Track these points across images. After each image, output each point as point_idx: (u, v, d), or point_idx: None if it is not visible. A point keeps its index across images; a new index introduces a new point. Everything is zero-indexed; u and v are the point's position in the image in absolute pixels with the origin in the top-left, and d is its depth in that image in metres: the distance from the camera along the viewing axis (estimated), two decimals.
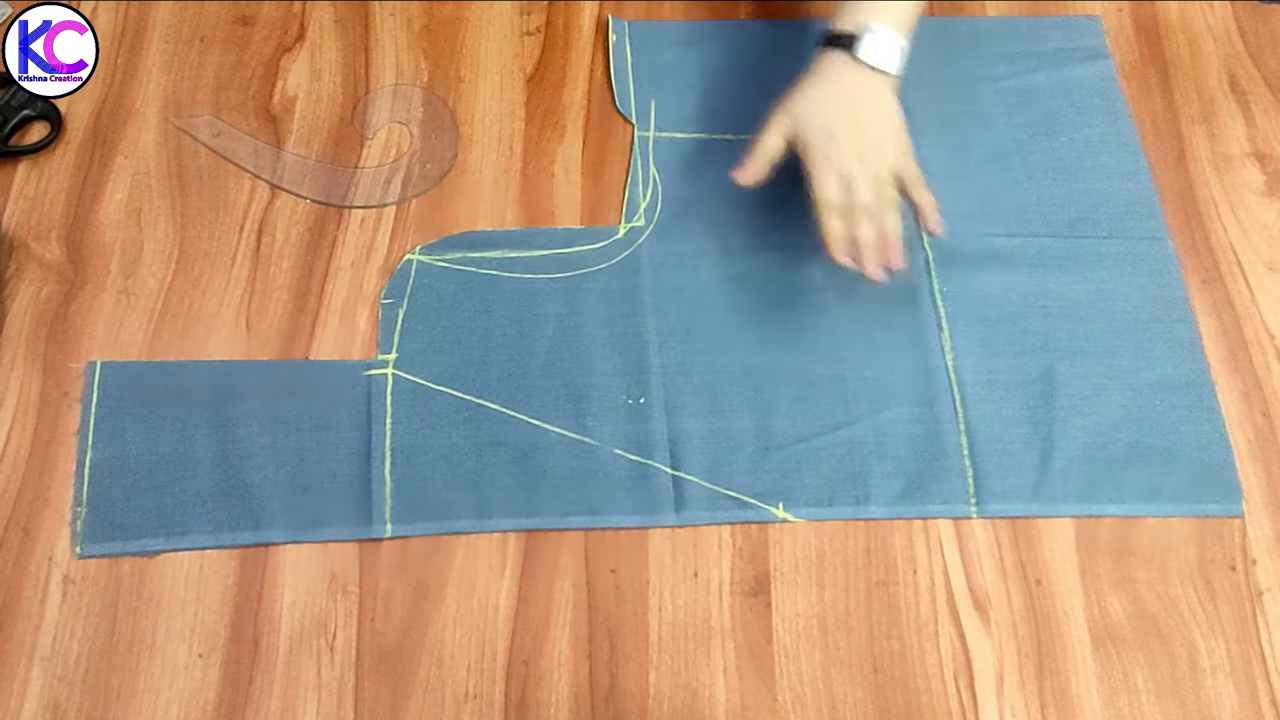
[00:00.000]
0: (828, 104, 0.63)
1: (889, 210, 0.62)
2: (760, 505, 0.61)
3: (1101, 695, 0.57)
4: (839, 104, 0.63)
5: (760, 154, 0.64)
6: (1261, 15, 0.81)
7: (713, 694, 0.57)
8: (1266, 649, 0.58)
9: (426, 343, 0.65)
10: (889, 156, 0.63)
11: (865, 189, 0.62)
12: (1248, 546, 0.61)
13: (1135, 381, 0.65)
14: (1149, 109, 0.76)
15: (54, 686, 0.55)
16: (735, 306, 0.67)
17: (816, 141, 0.62)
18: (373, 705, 0.56)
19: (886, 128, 0.63)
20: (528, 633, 0.58)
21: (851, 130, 0.62)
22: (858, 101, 0.63)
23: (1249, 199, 0.72)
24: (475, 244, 0.69)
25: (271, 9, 0.78)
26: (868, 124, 0.63)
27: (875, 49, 0.63)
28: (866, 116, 0.63)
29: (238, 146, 0.72)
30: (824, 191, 0.62)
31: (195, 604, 0.58)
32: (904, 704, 0.57)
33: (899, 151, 0.63)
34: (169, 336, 0.65)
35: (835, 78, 0.64)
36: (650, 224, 0.70)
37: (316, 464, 0.61)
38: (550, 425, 0.63)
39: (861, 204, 0.61)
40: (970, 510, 0.61)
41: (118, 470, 0.60)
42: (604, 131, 0.74)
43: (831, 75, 0.64)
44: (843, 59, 0.63)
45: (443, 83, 0.76)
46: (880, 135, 0.63)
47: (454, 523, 0.60)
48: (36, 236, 0.68)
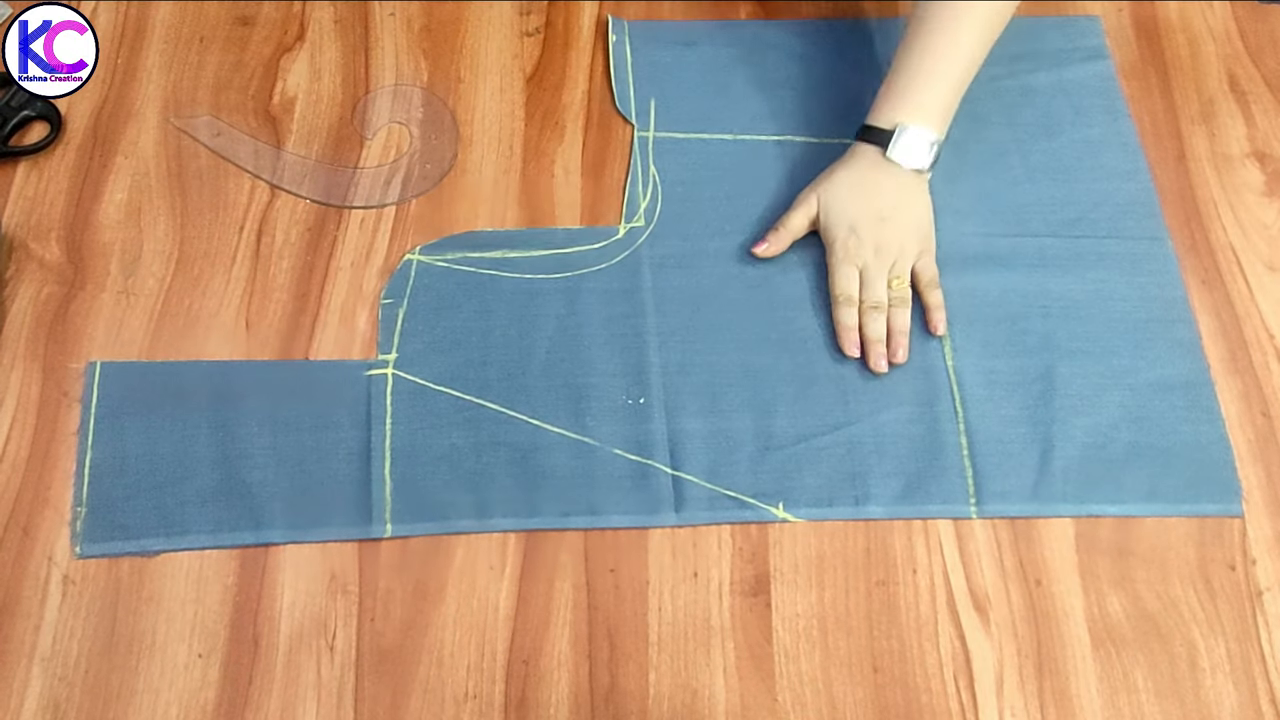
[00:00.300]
0: (854, 196, 0.65)
1: (900, 306, 0.65)
2: (760, 505, 0.61)
3: (1101, 695, 0.57)
4: (865, 198, 0.65)
5: (785, 232, 0.67)
6: (1261, 15, 0.81)
7: (713, 694, 0.57)
8: (1266, 649, 0.58)
9: (426, 343, 0.65)
10: (908, 253, 0.65)
11: (879, 285, 0.65)
12: (1247, 546, 0.61)
13: (1135, 381, 0.65)
14: (1149, 109, 0.76)
15: (54, 686, 0.55)
16: (735, 306, 0.67)
17: (838, 233, 0.65)
18: (373, 705, 0.56)
19: (909, 225, 0.65)
20: (527, 633, 0.58)
21: (873, 225, 0.65)
22: (884, 197, 0.65)
23: (1249, 199, 0.72)
24: (475, 244, 0.69)
25: (271, 9, 0.78)
26: (891, 220, 0.65)
27: (907, 148, 0.65)
28: (891, 213, 0.65)
29: (238, 146, 0.72)
30: (839, 284, 0.65)
31: (195, 604, 0.58)
32: (904, 704, 0.57)
33: (919, 249, 0.65)
34: (169, 337, 0.65)
35: (865, 171, 0.66)
36: (650, 224, 0.70)
37: (316, 464, 0.61)
38: (550, 425, 0.63)
39: (874, 299, 0.64)
40: (970, 510, 0.61)
41: (118, 470, 0.60)
42: (604, 131, 0.74)
43: (862, 168, 0.66)
44: (874, 154, 0.66)
45: (443, 83, 0.76)
46: (902, 232, 0.65)
47: (454, 523, 0.60)
48: (36, 236, 0.68)
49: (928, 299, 0.65)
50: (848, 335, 0.64)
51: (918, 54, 0.65)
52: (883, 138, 0.65)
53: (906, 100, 0.65)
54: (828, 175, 0.67)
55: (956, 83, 0.66)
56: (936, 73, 0.65)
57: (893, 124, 0.65)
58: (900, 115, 0.65)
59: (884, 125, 0.65)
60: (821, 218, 0.66)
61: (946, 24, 0.65)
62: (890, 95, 0.66)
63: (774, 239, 0.67)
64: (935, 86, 0.65)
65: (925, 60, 0.65)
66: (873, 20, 0.79)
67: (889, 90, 0.66)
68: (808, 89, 0.76)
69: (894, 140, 0.65)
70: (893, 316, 0.65)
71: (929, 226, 0.67)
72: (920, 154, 0.65)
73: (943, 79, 0.65)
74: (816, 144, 0.73)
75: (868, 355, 0.64)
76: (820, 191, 0.66)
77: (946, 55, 0.65)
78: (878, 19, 0.80)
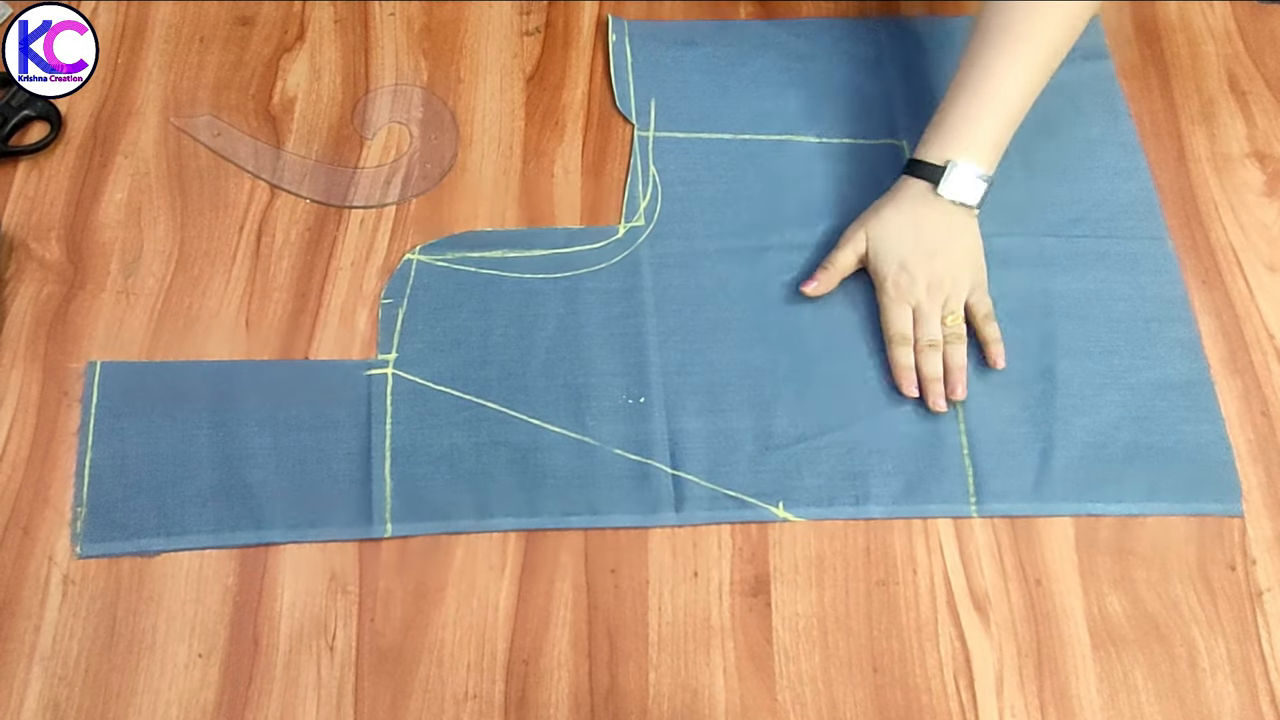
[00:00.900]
0: (904, 233, 0.64)
1: (956, 343, 0.63)
2: (760, 505, 0.61)
3: (1101, 695, 0.57)
4: (915, 234, 0.64)
5: (833, 270, 0.66)
6: (1261, 15, 0.80)
7: (712, 694, 0.57)
8: (1266, 649, 0.58)
9: (426, 342, 0.65)
10: (961, 289, 0.64)
11: (933, 322, 0.63)
12: (1247, 546, 0.61)
13: (1135, 380, 0.65)
14: (1149, 109, 0.76)
15: (54, 686, 0.55)
16: (735, 306, 0.67)
17: (888, 270, 0.64)
18: (372, 705, 0.56)
19: (961, 260, 0.64)
20: (527, 632, 0.58)
21: (925, 261, 0.63)
22: (935, 233, 0.64)
23: (1249, 199, 0.72)
24: (475, 244, 0.69)
25: (271, 9, 0.78)
26: (942, 256, 0.64)
27: (957, 185, 0.63)
28: (942, 249, 0.64)
29: (238, 146, 0.72)
30: (893, 324, 0.64)
31: (195, 604, 0.58)
32: (904, 704, 0.57)
33: (972, 284, 0.64)
34: (169, 336, 0.65)
35: (914, 207, 0.64)
36: (650, 224, 0.70)
37: (317, 464, 0.61)
38: (550, 425, 0.63)
39: (929, 337, 0.63)
40: (970, 509, 0.61)
41: (118, 470, 0.60)
42: (604, 131, 0.74)
43: (911, 204, 0.64)
44: (923, 189, 0.64)
45: (443, 83, 0.76)
46: (954, 267, 0.64)
47: (454, 522, 0.60)
48: (36, 236, 0.68)
49: (984, 333, 0.64)
50: (905, 375, 0.63)
51: (971, 87, 0.63)
52: (933, 173, 0.63)
53: (959, 136, 0.63)
54: (875, 212, 0.65)
55: (1011, 119, 0.63)
56: (990, 109, 0.63)
57: (943, 159, 0.63)
58: (951, 151, 0.63)
59: (934, 160, 0.64)
60: (870, 255, 0.65)
61: (1006, 51, 0.63)
62: (942, 130, 0.64)
63: (823, 278, 0.65)
64: (988, 122, 0.63)
65: (979, 94, 0.63)
66: (873, 19, 0.79)
67: (941, 124, 0.64)
68: (808, 89, 0.76)
69: (945, 176, 0.63)
70: (949, 354, 0.63)
71: (980, 260, 0.65)
72: (971, 190, 0.63)
73: (996, 115, 0.63)
74: (816, 143, 0.73)
75: (926, 394, 0.63)
76: (868, 228, 0.65)
77: (1001, 90, 0.63)
78: (878, 18, 0.79)
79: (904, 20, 0.79)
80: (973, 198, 0.64)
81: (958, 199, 0.63)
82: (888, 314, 0.64)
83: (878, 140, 0.73)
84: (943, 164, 0.63)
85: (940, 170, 0.63)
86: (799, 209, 0.71)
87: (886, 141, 0.73)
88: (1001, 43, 0.63)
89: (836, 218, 0.70)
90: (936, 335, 0.63)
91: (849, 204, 0.70)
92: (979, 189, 0.64)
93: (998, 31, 0.63)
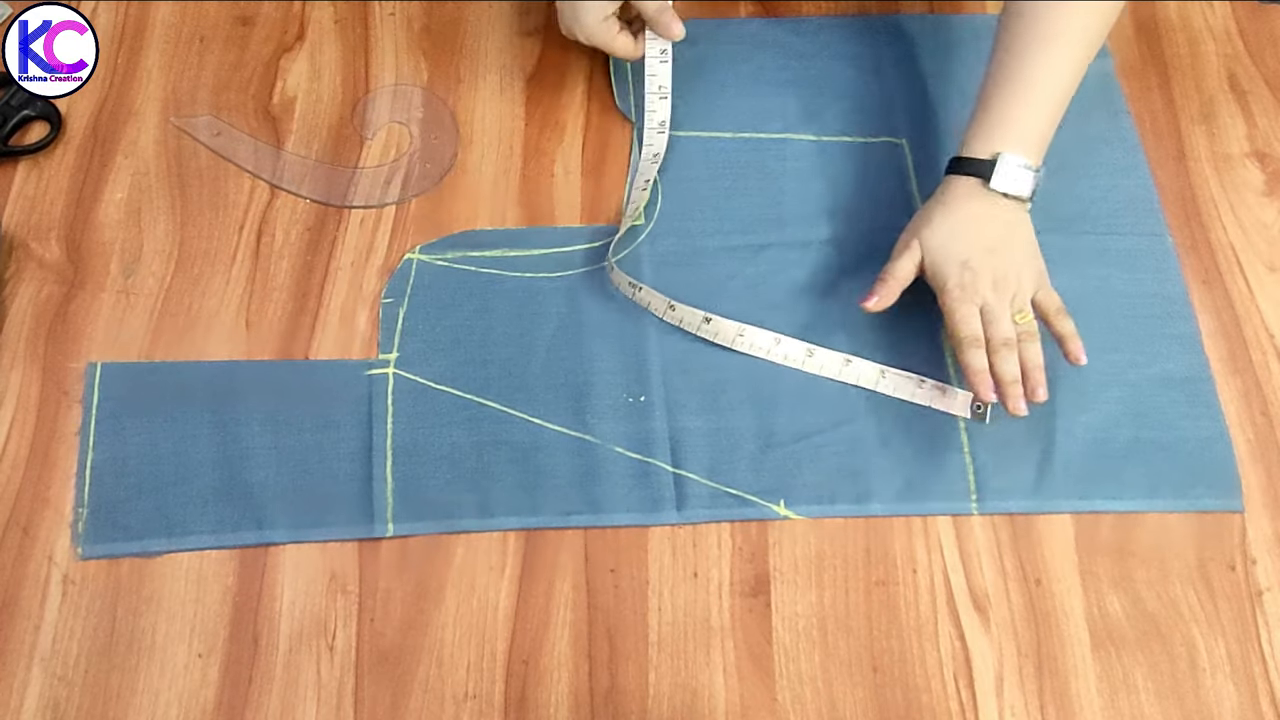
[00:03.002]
0: (961, 233, 0.62)
1: (1030, 340, 0.61)
2: (761, 503, 0.61)
3: (1101, 695, 0.57)
4: (971, 232, 0.62)
5: (894, 281, 0.63)
6: (1261, 15, 0.80)
7: (712, 694, 0.57)
8: (1266, 649, 0.58)
9: (427, 342, 0.65)
10: (1026, 284, 0.61)
11: (1004, 320, 0.60)
12: (1247, 546, 0.61)
13: (1135, 377, 0.65)
14: (1149, 108, 0.76)
15: (54, 686, 0.55)
16: (735, 305, 0.67)
17: (949, 270, 0.61)
18: (372, 705, 0.56)
19: (1022, 254, 0.62)
20: (527, 632, 0.58)
21: (987, 258, 0.61)
22: (993, 227, 0.62)
23: (1249, 199, 0.72)
24: (475, 243, 0.69)
25: (271, 9, 0.78)
26: (1003, 251, 0.61)
27: (1008, 176, 0.61)
28: (1001, 244, 0.62)
29: (237, 146, 0.72)
30: (963, 326, 0.60)
31: (195, 604, 0.58)
32: (904, 704, 0.56)
33: (1035, 278, 0.62)
34: (169, 336, 0.65)
35: (966, 205, 0.62)
36: (650, 222, 0.70)
37: (318, 464, 0.61)
38: (551, 424, 0.63)
39: (1002, 335, 0.60)
40: (971, 507, 0.61)
41: (118, 471, 0.60)
42: (604, 131, 0.74)
43: (963, 203, 0.62)
44: (973, 186, 0.62)
45: (443, 83, 0.76)
46: (1016, 262, 0.62)
47: (455, 521, 0.60)
48: (36, 236, 0.68)
49: (1059, 328, 0.61)
50: (982, 380, 0.59)
51: (1011, 80, 0.62)
52: (982, 168, 0.62)
53: (1005, 128, 0.62)
54: (924, 217, 0.64)
55: (1054, 111, 0.62)
56: (1032, 101, 0.62)
57: (991, 153, 0.62)
58: (998, 144, 0.62)
59: (982, 155, 0.62)
60: (928, 262, 0.62)
61: (1044, 44, 0.62)
62: (986, 125, 0.63)
63: (883, 291, 0.63)
64: (1032, 114, 0.62)
65: (1021, 87, 0.62)
66: (873, 18, 0.79)
67: (984, 119, 0.63)
68: (808, 87, 0.76)
69: (996, 169, 0.61)
70: (1024, 352, 0.60)
71: (1039, 254, 0.63)
72: (1022, 181, 0.61)
73: (1039, 107, 0.62)
74: (816, 142, 0.73)
75: (1005, 398, 0.59)
76: (921, 236, 0.63)
77: (1043, 81, 0.62)
78: (878, 17, 0.79)
79: (904, 19, 0.79)
80: (1024, 189, 0.62)
81: (1010, 191, 0.61)
82: (955, 316, 0.61)
83: (877, 138, 0.73)
84: (991, 158, 0.62)
85: (989, 164, 0.62)
86: (799, 207, 0.71)
87: (886, 140, 0.73)
88: (1039, 35, 0.62)
89: (836, 215, 0.70)
90: (1010, 334, 0.60)
91: (848, 202, 0.70)
92: (1029, 180, 0.62)
93: (1034, 24, 0.62)
